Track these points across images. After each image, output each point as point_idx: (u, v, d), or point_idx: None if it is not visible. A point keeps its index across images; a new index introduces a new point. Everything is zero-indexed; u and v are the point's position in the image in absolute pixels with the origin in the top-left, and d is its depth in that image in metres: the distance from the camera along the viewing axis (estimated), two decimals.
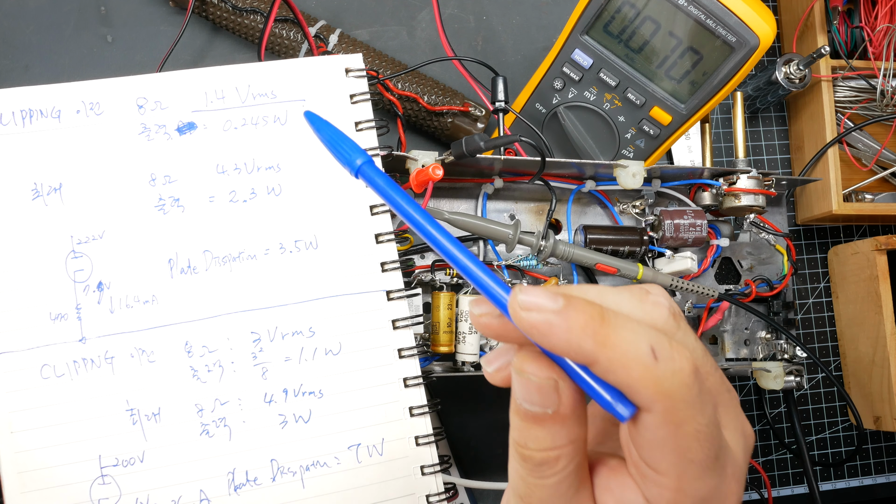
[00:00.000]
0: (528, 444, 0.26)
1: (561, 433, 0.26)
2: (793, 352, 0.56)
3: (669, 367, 0.24)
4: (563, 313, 0.24)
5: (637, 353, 0.24)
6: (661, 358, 0.24)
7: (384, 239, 0.46)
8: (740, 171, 0.54)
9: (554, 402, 0.25)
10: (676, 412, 0.24)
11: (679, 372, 0.24)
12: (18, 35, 0.61)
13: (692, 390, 0.24)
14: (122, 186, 0.45)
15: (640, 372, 0.24)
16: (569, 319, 0.24)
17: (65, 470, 0.42)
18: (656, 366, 0.24)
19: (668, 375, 0.24)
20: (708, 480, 0.25)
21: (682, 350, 0.24)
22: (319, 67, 0.47)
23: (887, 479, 0.72)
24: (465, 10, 0.67)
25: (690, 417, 0.24)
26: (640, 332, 0.24)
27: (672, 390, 0.24)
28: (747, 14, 0.48)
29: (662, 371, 0.24)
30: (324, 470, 0.44)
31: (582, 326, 0.24)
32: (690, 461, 0.24)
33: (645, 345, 0.24)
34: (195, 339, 0.44)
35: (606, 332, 0.24)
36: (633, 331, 0.24)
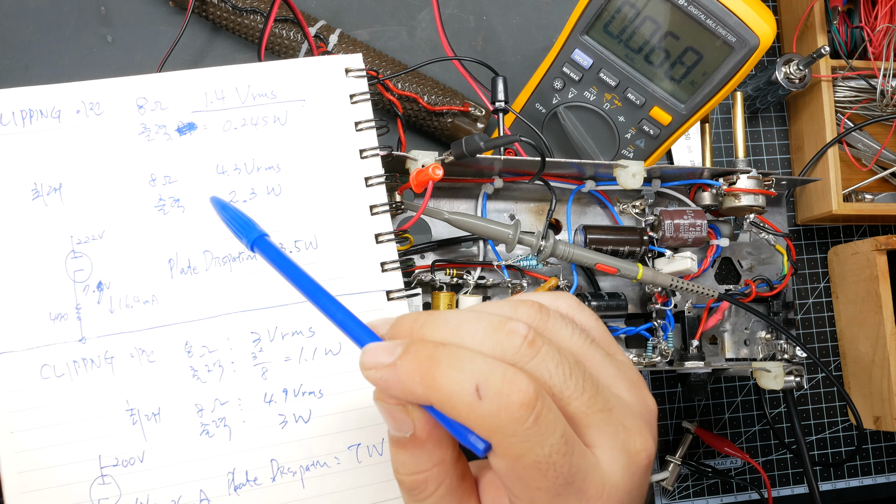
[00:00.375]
0: (398, 468, 0.28)
1: (422, 456, 0.27)
2: (793, 352, 0.56)
3: (495, 403, 0.24)
4: (394, 366, 0.26)
5: (461, 393, 0.24)
6: (486, 395, 0.24)
7: (384, 239, 0.46)
8: (740, 171, 0.54)
9: (408, 426, 0.27)
10: (511, 447, 0.24)
11: (506, 407, 0.24)
12: (18, 35, 0.61)
13: (522, 424, 0.24)
14: (122, 186, 0.45)
15: (467, 411, 0.25)
16: (399, 371, 0.26)
17: (65, 470, 0.42)
18: (480, 404, 0.24)
19: (494, 412, 0.24)
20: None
21: (515, 383, 0.24)
22: (319, 67, 0.47)
23: (887, 479, 0.72)
24: (465, 10, 0.67)
25: (527, 450, 0.24)
26: (467, 371, 0.25)
27: (500, 426, 0.24)
28: (747, 14, 0.48)
29: (487, 409, 0.24)
30: (324, 470, 0.44)
31: (410, 374, 0.26)
32: (537, 489, 0.25)
33: (469, 384, 0.24)
34: (195, 339, 0.44)
35: (433, 374, 0.25)
36: (459, 369, 0.25)
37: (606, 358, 0.29)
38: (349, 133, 0.47)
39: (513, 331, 0.26)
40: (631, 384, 0.29)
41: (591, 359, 0.28)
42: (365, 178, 0.47)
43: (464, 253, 0.54)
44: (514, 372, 0.25)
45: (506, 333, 0.26)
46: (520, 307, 0.28)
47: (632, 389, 0.29)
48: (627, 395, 0.28)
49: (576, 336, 0.29)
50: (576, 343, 0.28)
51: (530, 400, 0.24)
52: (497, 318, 0.27)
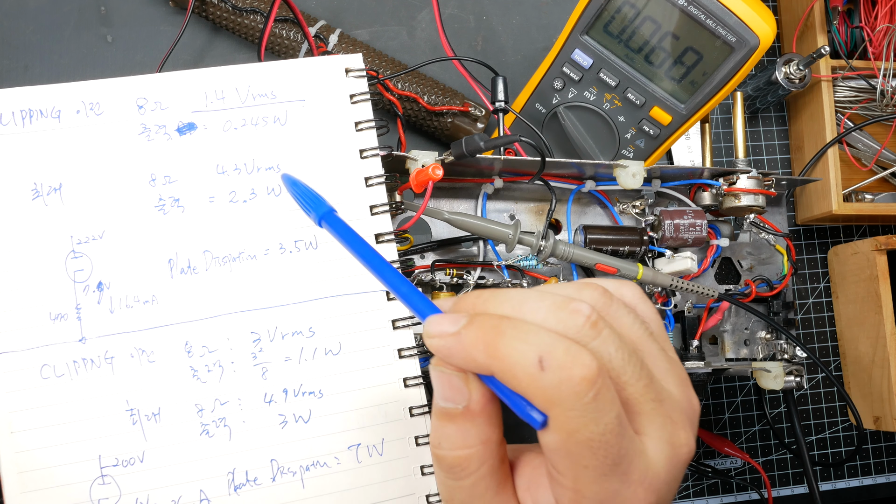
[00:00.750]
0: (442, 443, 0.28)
1: (472, 432, 0.27)
2: (793, 352, 0.56)
3: (556, 376, 0.24)
4: (459, 335, 0.26)
5: (524, 362, 0.25)
6: (549, 367, 0.24)
7: (384, 239, 0.46)
8: (740, 171, 0.54)
9: (465, 397, 0.27)
10: (567, 421, 0.24)
11: (567, 380, 0.24)
12: (18, 35, 0.61)
13: (582, 399, 0.24)
14: (122, 186, 0.45)
15: (528, 381, 0.25)
16: (463, 339, 0.26)
17: (65, 470, 0.42)
18: (542, 375, 0.24)
19: (555, 384, 0.24)
20: (604, 485, 0.25)
21: (578, 357, 0.25)
22: (319, 67, 0.47)
23: (887, 479, 0.72)
24: (465, 10, 0.67)
25: (582, 426, 0.24)
26: (532, 342, 0.25)
27: (560, 399, 0.24)
28: (747, 14, 0.48)
29: (549, 380, 0.24)
30: (324, 470, 0.44)
31: (475, 342, 0.26)
32: (584, 467, 0.25)
33: (533, 355, 0.25)
34: (195, 339, 0.44)
35: (497, 343, 0.25)
36: (523, 340, 0.25)
37: (661, 352, 0.29)
38: (349, 133, 0.47)
39: (576, 310, 0.26)
40: (680, 381, 0.29)
41: (648, 350, 0.28)
42: (365, 178, 0.47)
43: (464, 253, 0.54)
44: (577, 347, 0.25)
45: (569, 312, 0.26)
46: (584, 289, 0.29)
47: (681, 386, 0.29)
48: (676, 390, 0.29)
49: (636, 325, 0.29)
50: (636, 332, 0.29)
51: (592, 375, 0.24)
52: (560, 298, 0.27)
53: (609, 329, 0.27)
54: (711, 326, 0.56)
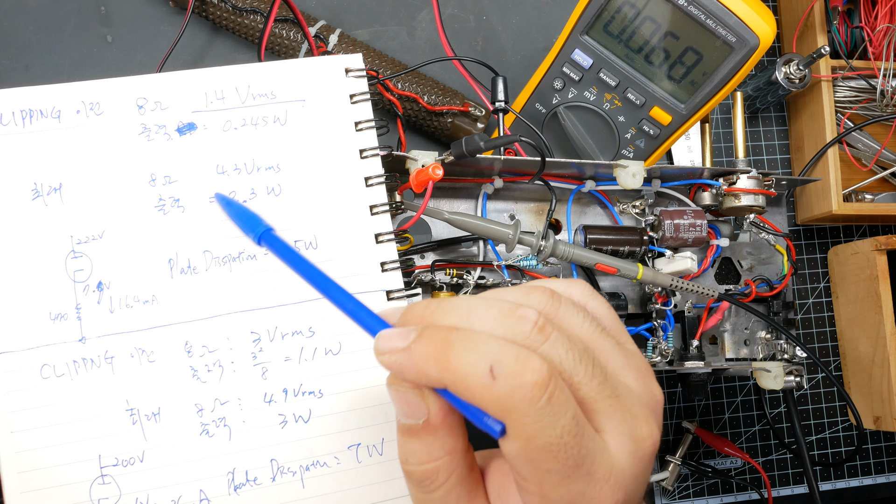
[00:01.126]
0: (408, 458, 0.28)
1: (434, 444, 0.27)
2: (793, 352, 0.56)
3: (508, 383, 0.24)
4: (409, 350, 0.26)
5: (475, 374, 0.25)
6: (500, 375, 0.24)
7: (384, 239, 0.46)
8: (740, 171, 0.54)
9: (423, 411, 0.27)
10: (524, 427, 0.25)
11: (520, 387, 0.24)
12: (18, 35, 0.61)
13: (536, 404, 0.24)
14: (122, 186, 0.45)
15: (481, 392, 0.25)
16: (414, 354, 0.26)
17: (65, 470, 0.42)
18: (494, 384, 0.24)
19: (508, 392, 0.24)
20: (570, 487, 0.25)
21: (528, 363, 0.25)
22: (319, 67, 0.48)
23: (887, 479, 0.72)
24: (465, 10, 0.67)
25: (539, 430, 0.25)
26: (481, 352, 0.25)
27: (514, 406, 0.24)
28: (747, 14, 0.48)
29: (501, 389, 0.24)
30: (324, 470, 0.44)
31: (425, 357, 0.26)
32: (547, 471, 0.25)
33: (483, 365, 0.25)
34: (195, 339, 0.44)
35: (448, 356, 0.25)
36: (472, 351, 0.25)
37: (616, 346, 0.29)
38: (349, 133, 0.47)
39: (523, 316, 0.26)
40: (639, 373, 0.29)
41: (601, 346, 0.29)
42: (365, 178, 0.47)
43: (464, 253, 0.54)
44: (527, 353, 0.25)
45: (516, 319, 0.26)
46: (531, 293, 0.29)
47: (639, 378, 0.29)
48: (635, 383, 0.29)
49: (586, 323, 0.29)
50: (586, 330, 0.29)
51: (544, 379, 0.24)
52: (507, 305, 0.27)
53: (557, 332, 0.27)
54: (711, 326, 0.56)
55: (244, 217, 0.39)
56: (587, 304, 0.31)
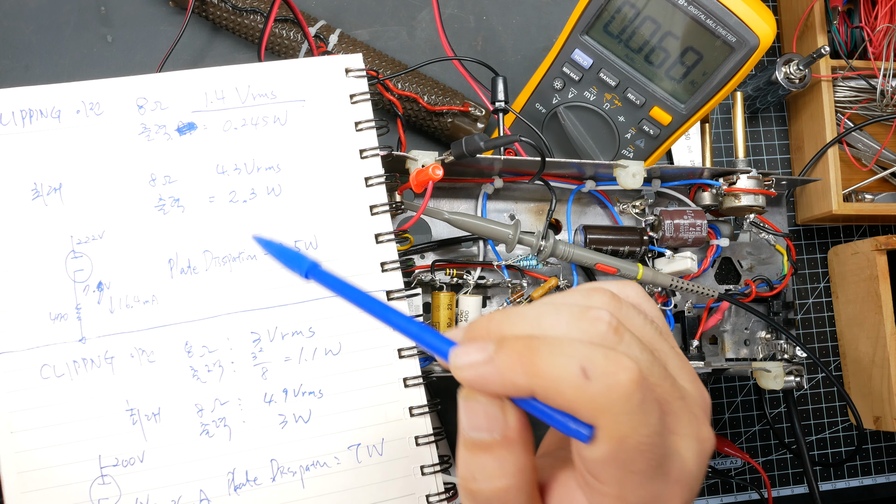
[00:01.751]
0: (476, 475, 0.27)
1: (509, 460, 0.26)
2: (793, 352, 0.56)
3: (604, 383, 0.24)
4: (491, 361, 0.25)
5: (567, 376, 0.24)
6: (594, 375, 0.24)
7: (384, 239, 0.46)
8: (740, 171, 0.54)
9: (501, 425, 0.26)
10: (619, 426, 0.24)
11: (615, 386, 0.24)
12: (18, 35, 0.61)
13: (632, 402, 0.24)
14: (121, 186, 0.45)
15: (574, 393, 0.24)
16: (498, 364, 0.25)
17: (65, 470, 0.42)
18: (589, 384, 0.24)
19: (604, 391, 0.24)
20: (649, 488, 0.25)
21: (620, 362, 0.24)
22: (319, 67, 0.48)
23: (887, 479, 0.72)
24: (465, 10, 0.67)
25: (633, 430, 0.24)
26: (570, 354, 0.24)
27: (610, 405, 0.24)
28: (747, 14, 0.48)
29: (597, 388, 0.24)
30: (324, 470, 0.44)
31: (511, 366, 0.25)
32: (632, 472, 0.25)
33: (574, 366, 0.24)
34: (195, 339, 0.44)
35: (535, 362, 0.25)
36: (561, 354, 0.25)
37: (672, 349, 0.29)
38: (349, 133, 0.47)
39: (597, 318, 0.26)
40: (692, 377, 0.29)
41: (662, 349, 0.28)
42: (365, 178, 0.47)
43: (464, 253, 0.54)
44: (616, 353, 0.25)
45: (590, 321, 0.26)
46: (593, 295, 0.28)
47: (694, 381, 0.29)
48: (691, 386, 0.28)
49: (647, 326, 0.29)
50: (648, 332, 0.28)
51: (638, 377, 0.24)
52: (577, 307, 0.27)
53: (629, 333, 0.26)
54: (711, 326, 0.56)
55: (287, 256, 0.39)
56: (641, 305, 0.30)
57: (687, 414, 0.27)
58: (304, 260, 0.37)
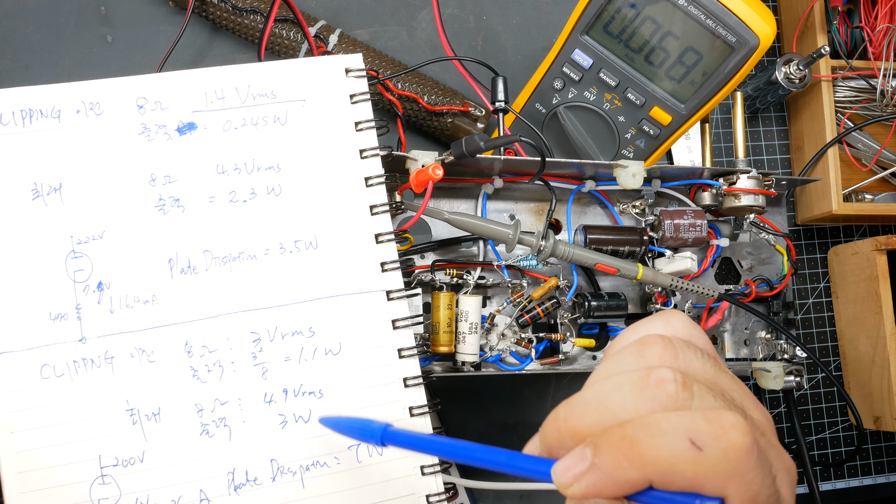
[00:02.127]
0: None
1: None
2: (793, 352, 0.56)
3: (719, 447, 0.23)
4: (595, 466, 0.24)
5: (679, 454, 0.23)
6: (705, 444, 0.23)
7: (384, 239, 0.46)
8: (740, 171, 0.54)
9: None
10: (748, 487, 0.23)
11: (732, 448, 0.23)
12: (18, 35, 0.61)
13: (752, 458, 0.23)
14: (121, 186, 0.45)
15: (694, 469, 0.23)
16: (604, 467, 0.24)
17: (65, 470, 0.42)
18: (703, 455, 0.23)
19: (722, 457, 0.23)
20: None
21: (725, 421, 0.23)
22: (319, 67, 0.47)
23: (887, 479, 0.72)
24: (465, 10, 0.67)
25: (761, 485, 0.23)
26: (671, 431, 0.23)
27: (733, 469, 0.23)
28: (747, 14, 0.48)
29: (713, 455, 0.23)
30: (324, 470, 0.44)
31: (618, 463, 0.24)
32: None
33: (682, 441, 0.23)
34: (195, 339, 0.44)
35: (640, 451, 0.23)
36: (661, 434, 0.23)
37: (732, 379, 0.27)
38: (349, 133, 0.47)
39: (660, 380, 0.25)
40: (754, 402, 0.27)
41: (725, 385, 0.27)
42: (365, 178, 0.47)
43: (464, 253, 0.54)
44: (713, 412, 0.23)
45: (655, 387, 0.25)
46: (646, 350, 0.27)
47: (757, 407, 0.27)
48: (757, 413, 0.27)
49: (707, 363, 0.27)
50: (710, 371, 0.27)
51: (748, 430, 0.23)
52: (635, 375, 0.25)
53: (697, 383, 0.25)
54: (711, 326, 0.56)
55: (357, 428, 0.38)
56: (691, 336, 0.29)
57: (772, 448, 0.26)
58: (374, 429, 0.36)
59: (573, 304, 0.54)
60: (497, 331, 0.52)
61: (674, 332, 0.28)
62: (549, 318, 0.53)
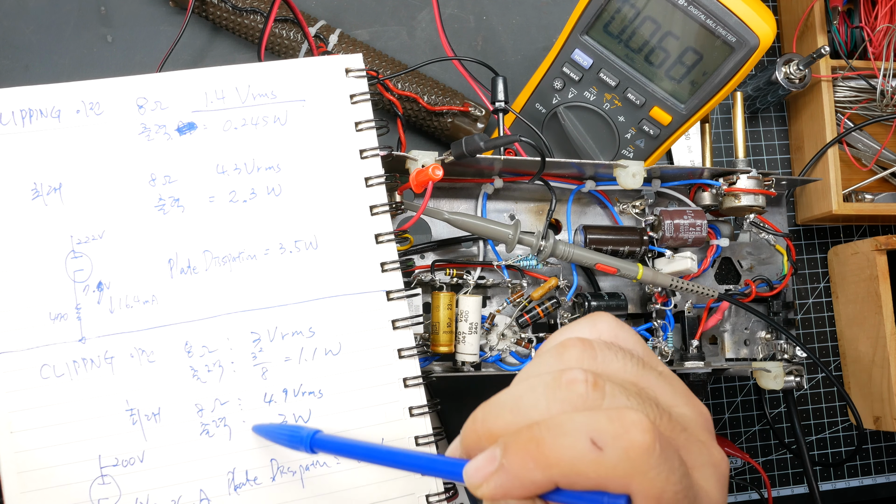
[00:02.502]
0: None
1: None
2: (793, 352, 0.56)
3: (619, 447, 0.23)
4: (503, 469, 0.24)
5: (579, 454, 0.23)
6: (606, 443, 0.23)
7: (384, 239, 0.46)
8: (740, 171, 0.54)
9: None
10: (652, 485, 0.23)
11: (632, 446, 0.23)
12: (18, 35, 0.61)
13: (654, 455, 0.23)
14: (121, 186, 0.45)
15: (595, 469, 0.23)
16: (511, 469, 0.24)
17: (65, 470, 0.42)
18: (604, 455, 0.23)
19: (622, 455, 0.23)
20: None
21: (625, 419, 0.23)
22: (319, 67, 0.47)
23: (887, 479, 0.72)
24: (465, 10, 0.67)
25: (666, 481, 0.23)
26: (572, 431, 0.23)
27: (634, 467, 0.23)
28: (747, 14, 0.48)
29: (614, 455, 0.23)
30: (324, 470, 0.44)
31: (523, 464, 0.24)
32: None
33: (582, 442, 0.23)
34: (195, 339, 0.44)
35: (543, 452, 0.24)
36: (563, 434, 0.23)
37: (659, 377, 0.28)
38: (349, 133, 0.47)
39: (571, 381, 0.25)
40: (686, 397, 0.28)
41: (648, 382, 0.27)
42: (365, 178, 0.47)
43: (464, 253, 0.54)
44: (616, 412, 0.24)
45: (565, 387, 0.25)
46: (563, 353, 0.27)
47: (689, 402, 0.28)
48: (687, 409, 0.27)
49: (628, 363, 0.27)
50: (630, 370, 0.27)
51: (650, 426, 0.23)
52: (548, 377, 0.26)
53: (609, 382, 0.25)
54: (711, 326, 0.56)
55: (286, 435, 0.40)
56: (617, 337, 0.29)
57: (695, 444, 0.26)
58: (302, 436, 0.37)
59: (573, 304, 0.54)
60: (497, 331, 0.52)
61: (598, 335, 0.29)
62: (549, 318, 0.53)
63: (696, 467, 0.25)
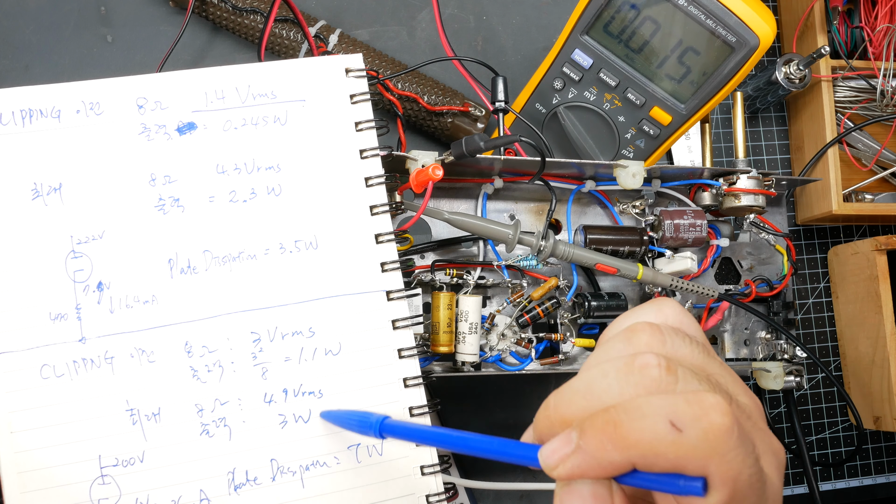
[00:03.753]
0: None
1: None
2: (793, 352, 0.56)
3: (699, 428, 0.23)
4: (580, 448, 0.24)
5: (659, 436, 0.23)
6: (685, 425, 0.23)
7: (384, 239, 0.46)
8: (740, 171, 0.54)
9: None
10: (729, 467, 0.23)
11: (712, 427, 0.23)
12: (18, 35, 0.61)
13: (733, 437, 0.23)
14: (121, 186, 0.45)
15: (674, 450, 0.23)
16: (588, 450, 0.24)
17: (65, 470, 0.42)
18: (683, 436, 0.23)
19: (702, 436, 0.23)
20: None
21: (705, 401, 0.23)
22: (319, 67, 0.47)
23: (887, 479, 0.72)
24: (465, 10, 0.67)
25: (743, 465, 0.23)
26: (651, 414, 0.23)
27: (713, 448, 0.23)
28: (747, 14, 0.48)
29: (694, 436, 0.23)
30: (323, 470, 0.44)
31: (601, 446, 0.24)
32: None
33: (662, 423, 0.23)
34: (195, 339, 0.44)
35: (622, 434, 0.24)
36: (642, 417, 0.24)
37: (721, 366, 0.28)
38: (349, 133, 0.47)
39: (644, 365, 0.25)
40: (743, 387, 0.28)
41: (713, 370, 0.27)
42: (365, 178, 0.47)
43: (464, 253, 0.54)
44: (694, 394, 0.24)
45: (639, 372, 0.25)
46: (634, 337, 0.27)
47: (747, 392, 0.28)
48: (745, 398, 0.27)
49: (695, 349, 0.27)
50: (697, 357, 0.27)
51: (728, 411, 0.23)
52: (620, 361, 0.26)
53: (682, 367, 0.25)
54: (711, 326, 0.56)
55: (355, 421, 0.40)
56: (682, 323, 0.29)
57: (759, 431, 0.26)
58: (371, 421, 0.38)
59: (573, 304, 0.54)
60: (497, 331, 0.52)
61: (664, 320, 0.29)
62: (549, 318, 0.53)
63: (762, 454, 0.25)
